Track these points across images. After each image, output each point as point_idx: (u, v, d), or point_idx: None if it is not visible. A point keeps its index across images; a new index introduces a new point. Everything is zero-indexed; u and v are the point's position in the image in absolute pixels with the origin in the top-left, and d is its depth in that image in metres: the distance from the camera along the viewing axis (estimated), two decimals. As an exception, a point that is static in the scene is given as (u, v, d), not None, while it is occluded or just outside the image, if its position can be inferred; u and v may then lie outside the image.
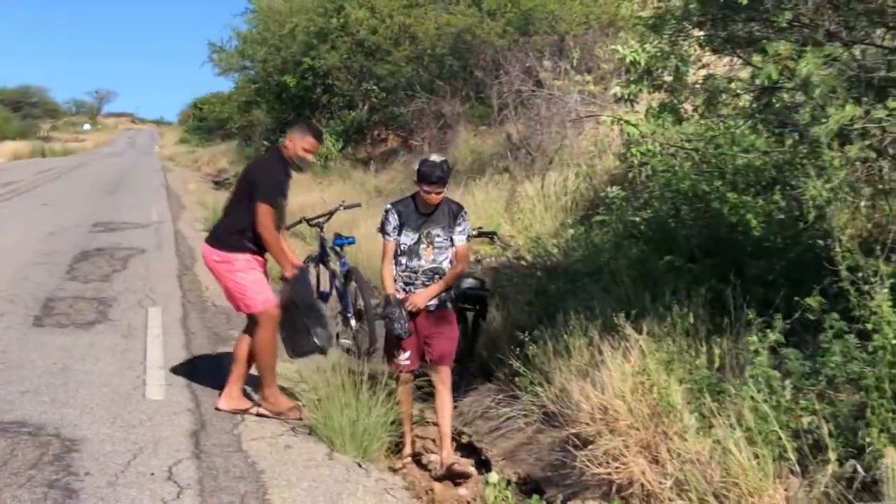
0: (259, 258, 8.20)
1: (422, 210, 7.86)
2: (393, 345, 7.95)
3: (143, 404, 8.45)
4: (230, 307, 12.93)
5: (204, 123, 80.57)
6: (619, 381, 7.09)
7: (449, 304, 8.12)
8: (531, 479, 7.57)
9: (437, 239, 7.86)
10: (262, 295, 8.07)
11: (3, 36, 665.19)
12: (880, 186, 8.23)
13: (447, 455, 7.85)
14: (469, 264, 8.25)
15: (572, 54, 20.50)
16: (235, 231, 8.07)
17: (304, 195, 23.79)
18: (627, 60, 8.13)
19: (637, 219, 10.52)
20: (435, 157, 7.73)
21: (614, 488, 6.45)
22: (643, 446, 6.55)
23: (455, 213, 8.03)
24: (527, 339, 8.86)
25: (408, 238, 7.82)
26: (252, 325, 8.26)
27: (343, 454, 7.53)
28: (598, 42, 20.44)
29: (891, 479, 4.83)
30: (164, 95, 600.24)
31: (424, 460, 8.26)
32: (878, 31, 6.70)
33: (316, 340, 8.18)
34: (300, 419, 8.12)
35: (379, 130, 34.42)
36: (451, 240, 7.92)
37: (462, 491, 7.43)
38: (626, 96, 8.88)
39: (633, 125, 10.61)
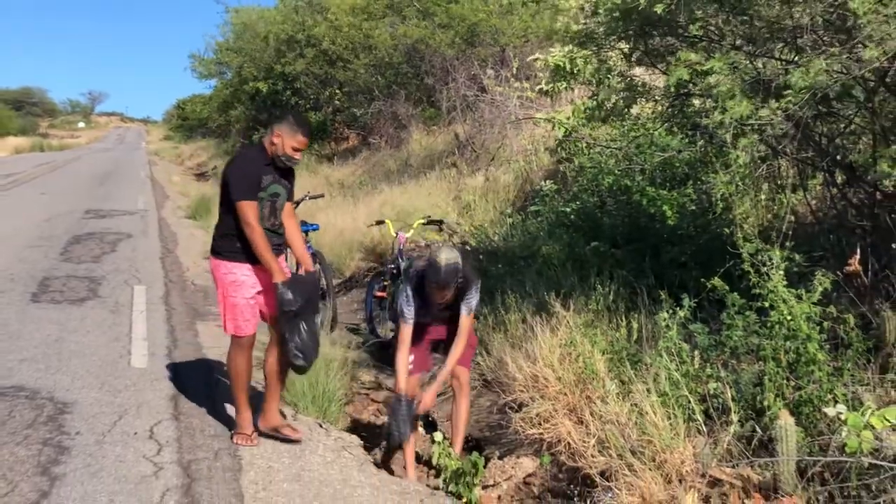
0: (256, 267, 6.61)
1: (434, 298, 6.64)
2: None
3: (129, 372, 8.39)
4: (208, 286, 12.93)
5: (186, 122, 79.97)
6: (548, 352, 7.12)
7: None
8: (472, 437, 7.58)
9: (448, 316, 6.83)
10: (234, 322, 6.66)
11: (7, 41, 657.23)
12: (778, 182, 8.33)
13: None
14: (467, 339, 6.83)
15: (512, 64, 20.55)
16: (222, 236, 6.64)
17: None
18: (551, 64, 8.14)
19: (567, 209, 10.59)
20: (443, 257, 6.47)
21: (545, 446, 6.50)
22: (570, 409, 6.59)
23: (465, 288, 6.67)
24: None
25: (422, 317, 6.78)
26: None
27: (306, 416, 7.53)
28: (535, 53, 20.50)
29: (784, 437, 4.89)
30: (151, 96, 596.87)
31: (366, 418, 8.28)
32: (778, 45, 6.76)
33: (295, 355, 6.56)
34: (247, 444, 6.74)
35: (341, 129, 34.32)
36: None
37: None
38: (549, 91, 8.93)
39: (563, 124, 10.66)
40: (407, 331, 6.73)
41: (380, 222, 12.05)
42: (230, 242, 6.57)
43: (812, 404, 5.39)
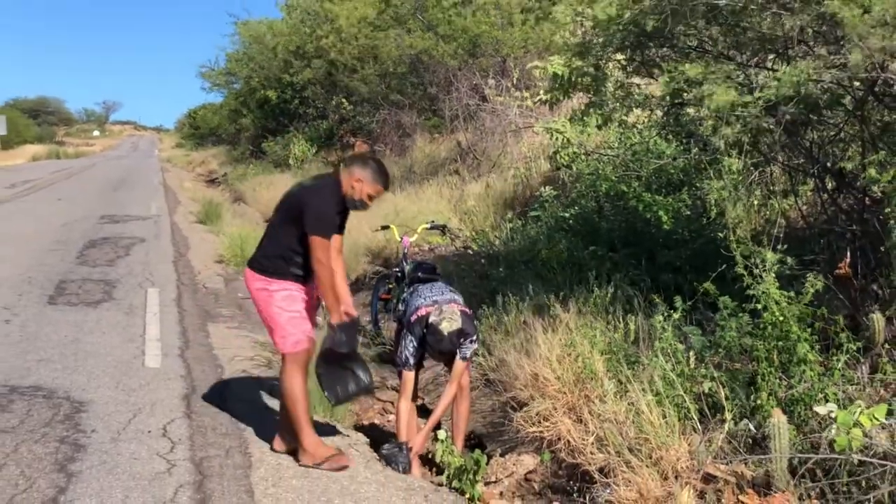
0: (305, 287, 6.29)
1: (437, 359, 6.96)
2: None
3: (142, 372, 8.39)
4: (219, 289, 12.96)
5: (198, 130, 79.94)
6: (548, 352, 7.12)
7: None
8: (475, 435, 7.58)
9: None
10: (294, 335, 6.19)
11: (24, 52, 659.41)
12: (770, 188, 8.33)
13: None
14: (458, 386, 6.79)
15: (513, 74, 20.57)
16: (274, 256, 6.26)
17: (281, 194, 23.61)
18: (550, 73, 8.12)
19: (566, 214, 10.60)
20: (445, 326, 6.44)
21: (545, 444, 6.50)
22: (569, 408, 6.59)
23: (467, 334, 6.63)
24: (471, 316, 8.89)
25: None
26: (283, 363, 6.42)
27: (314, 414, 7.51)
28: (534, 62, 20.49)
29: (777, 435, 4.89)
30: (164, 105, 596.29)
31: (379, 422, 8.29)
32: (770, 56, 6.78)
33: (363, 380, 6.42)
34: (345, 467, 6.24)
35: (347, 137, 34.37)
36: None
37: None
38: (548, 101, 8.93)
39: (561, 132, 10.67)
40: (410, 378, 6.77)
41: (385, 227, 12.03)
42: (281, 264, 6.23)
43: (804, 403, 5.39)
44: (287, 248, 6.21)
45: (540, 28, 20.60)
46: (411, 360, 6.75)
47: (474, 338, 6.80)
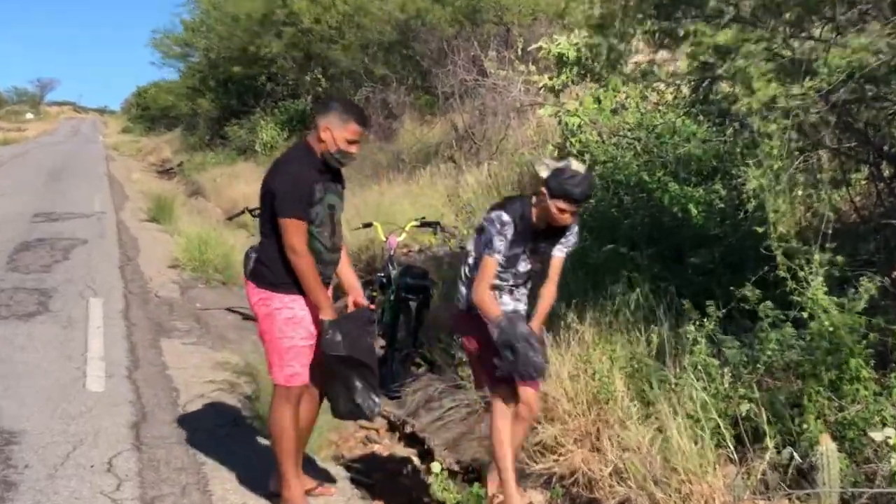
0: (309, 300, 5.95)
1: (538, 225, 6.04)
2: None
3: (84, 396, 8.40)
4: (173, 298, 12.95)
5: (147, 112, 79.90)
6: (558, 368, 7.10)
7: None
8: (473, 468, 7.59)
9: (541, 251, 6.21)
10: (292, 368, 5.94)
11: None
12: (818, 176, 8.33)
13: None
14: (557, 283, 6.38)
15: (517, 44, 20.55)
16: (275, 258, 5.90)
17: (248, 186, 23.61)
18: (553, 54, 8.15)
19: (579, 208, 10.56)
20: (578, 166, 5.83)
21: (556, 476, 6.49)
22: (583, 434, 6.58)
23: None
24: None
25: (509, 251, 6.03)
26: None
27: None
28: (543, 34, 20.46)
29: (826, 465, 4.90)
30: (108, 84, 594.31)
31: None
32: (815, 24, 6.78)
33: (363, 407, 6.04)
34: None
35: (323, 119, 34.34)
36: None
37: (406, 482, 7.44)
38: (554, 87, 8.95)
39: (574, 114, 10.66)
40: (492, 263, 6.00)
41: (367, 225, 11.97)
42: (280, 269, 5.88)
43: (857, 428, 5.38)
44: (275, 248, 5.90)
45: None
46: (497, 243, 5.95)
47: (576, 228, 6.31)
